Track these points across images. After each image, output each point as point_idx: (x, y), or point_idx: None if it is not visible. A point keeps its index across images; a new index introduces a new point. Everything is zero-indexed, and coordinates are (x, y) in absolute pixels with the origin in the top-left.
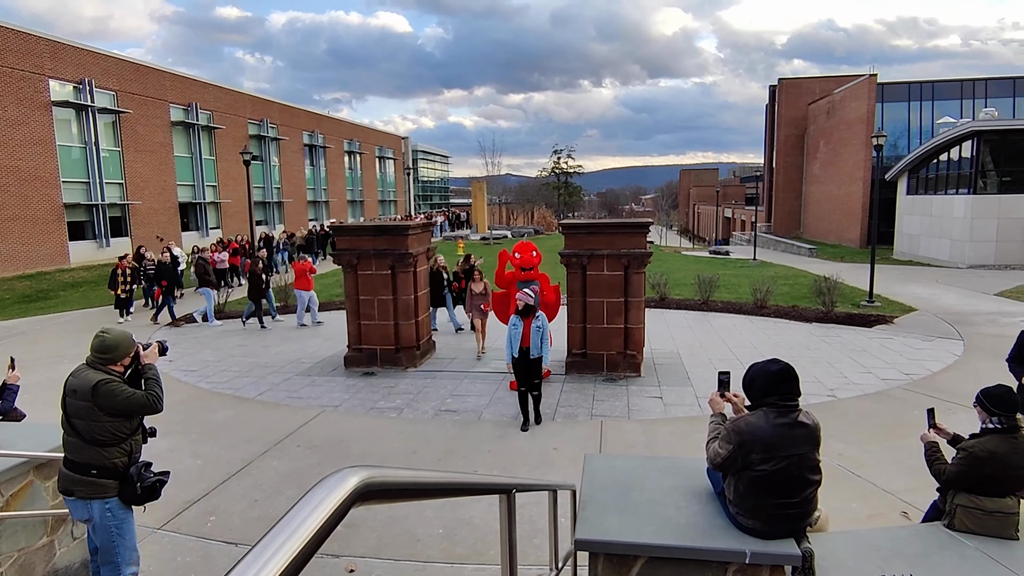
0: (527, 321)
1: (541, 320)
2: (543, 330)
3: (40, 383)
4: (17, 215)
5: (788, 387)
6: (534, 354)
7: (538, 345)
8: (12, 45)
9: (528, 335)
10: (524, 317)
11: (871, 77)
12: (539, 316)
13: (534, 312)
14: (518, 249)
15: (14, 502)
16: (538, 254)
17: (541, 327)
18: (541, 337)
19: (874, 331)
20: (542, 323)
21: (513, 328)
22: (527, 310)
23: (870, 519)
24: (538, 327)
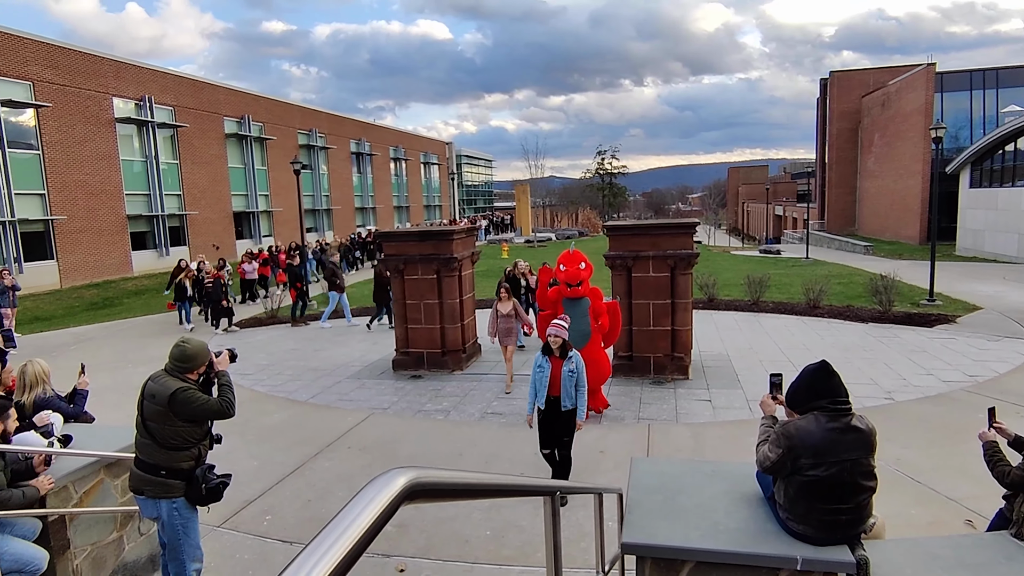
0: (557, 363)
1: (575, 361)
2: (578, 374)
3: (107, 386)
4: (85, 227)
5: (832, 384)
6: (566, 405)
7: (571, 393)
8: (80, 66)
9: (559, 381)
10: (553, 357)
11: (929, 66)
12: (573, 356)
13: (568, 351)
14: (563, 261)
15: (87, 499)
16: (588, 266)
17: (575, 371)
18: (576, 383)
19: (935, 331)
20: (576, 365)
21: (538, 371)
22: (560, 350)
23: (931, 527)
24: (571, 371)
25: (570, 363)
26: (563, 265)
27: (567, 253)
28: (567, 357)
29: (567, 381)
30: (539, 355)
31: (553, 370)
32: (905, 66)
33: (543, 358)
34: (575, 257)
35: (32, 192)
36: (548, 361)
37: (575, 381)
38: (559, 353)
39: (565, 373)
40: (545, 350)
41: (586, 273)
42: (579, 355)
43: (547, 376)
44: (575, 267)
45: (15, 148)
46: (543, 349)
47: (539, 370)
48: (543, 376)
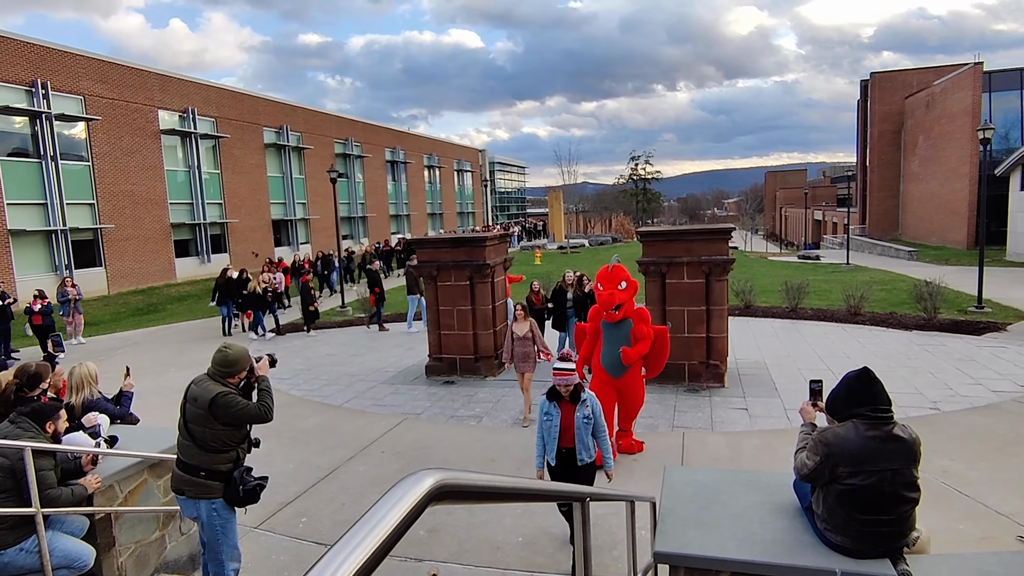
0: (568, 408)
1: (591, 404)
2: (595, 419)
3: (151, 389)
4: (132, 235)
5: (873, 392)
6: (583, 458)
7: (588, 443)
8: (128, 80)
9: (571, 430)
10: (563, 402)
11: (976, 65)
12: (587, 399)
13: (579, 393)
14: (601, 279)
15: (131, 498)
16: (630, 284)
17: (591, 416)
18: (594, 430)
19: (984, 339)
20: (593, 409)
21: (546, 420)
22: (571, 395)
23: (980, 542)
24: (586, 417)
25: (584, 408)
26: (600, 285)
27: (605, 270)
28: (580, 401)
29: (582, 430)
30: (544, 401)
31: (564, 418)
32: (950, 66)
33: (550, 404)
34: (615, 275)
35: (82, 202)
36: (556, 408)
37: (592, 428)
38: (570, 398)
39: (579, 421)
40: (552, 395)
41: (626, 294)
42: (594, 396)
43: (556, 425)
44: (613, 287)
45: (67, 160)
46: (549, 393)
47: (546, 419)
48: (552, 425)
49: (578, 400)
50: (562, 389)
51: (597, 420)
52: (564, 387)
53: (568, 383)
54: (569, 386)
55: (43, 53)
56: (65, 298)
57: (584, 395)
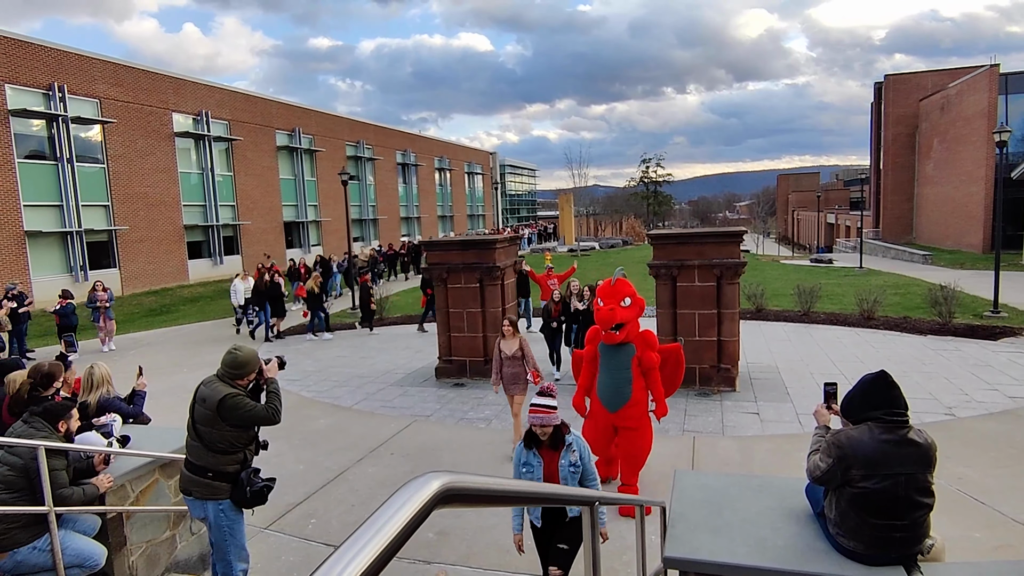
0: (550, 456)
1: (578, 448)
2: (583, 466)
3: (163, 390)
4: (145, 237)
5: (890, 395)
6: (574, 511)
7: None
8: (143, 84)
9: (556, 481)
10: (544, 448)
11: (992, 67)
12: (572, 442)
13: (562, 436)
14: (602, 294)
15: (142, 498)
16: (636, 301)
17: (579, 463)
18: (583, 478)
19: (1000, 344)
20: (581, 454)
21: (525, 472)
22: (552, 440)
23: (996, 551)
24: (573, 465)
25: (570, 453)
26: (601, 300)
27: (607, 284)
28: (565, 445)
29: (569, 481)
30: (520, 448)
31: (547, 467)
32: (965, 68)
33: (528, 453)
34: (618, 290)
35: (97, 204)
36: (536, 456)
37: (580, 477)
38: (550, 443)
39: (564, 470)
40: (530, 440)
41: (629, 312)
42: (580, 439)
43: (539, 478)
44: (615, 303)
45: (83, 162)
46: (526, 439)
47: (525, 471)
48: (532, 479)
49: (561, 444)
50: (539, 431)
51: (586, 467)
52: (542, 429)
53: (547, 423)
54: (548, 427)
55: (60, 57)
56: (94, 303)
57: (569, 437)
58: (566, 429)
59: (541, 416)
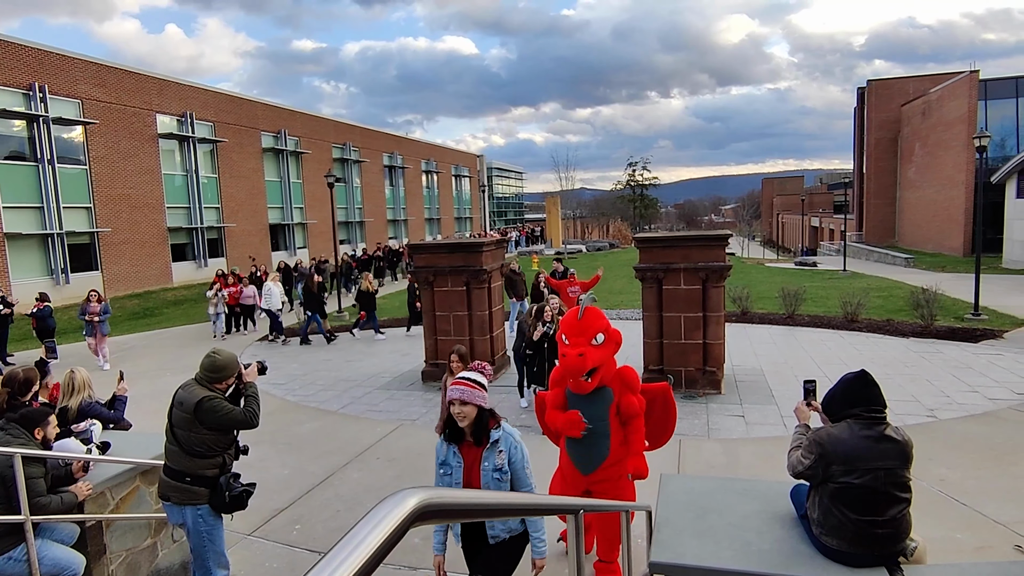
0: (472, 453)
1: (506, 448)
2: (514, 470)
3: (146, 394)
4: (128, 239)
5: (869, 394)
6: (497, 534)
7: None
8: (126, 84)
9: (476, 484)
10: (465, 443)
11: (972, 73)
12: (501, 437)
13: (487, 429)
14: (567, 330)
15: (123, 505)
16: (610, 336)
17: (507, 466)
18: (515, 487)
19: (980, 347)
20: (510, 457)
21: (443, 474)
22: (474, 430)
23: (977, 552)
24: (498, 469)
25: (495, 454)
26: (566, 337)
27: (572, 318)
28: (489, 440)
29: (492, 489)
30: (440, 444)
31: (466, 470)
32: (946, 74)
33: (447, 448)
34: (588, 324)
35: (79, 206)
36: (457, 454)
37: (513, 478)
38: (472, 435)
39: (487, 474)
40: (452, 433)
41: (603, 352)
42: (514, 436)
43: (457, 481)
44: (584, 342)
45: (64, 163)
46: (447, 432)
47: (443, 472)
48: (450, 483)
49: (485, 439)
50: (458, 414)
51: (517, 474)
52: (461, 409)
53: (468, 400)
54: (469, 408)
55: (41, 56)
56: (84, 316)
57: (496, 433)
58: (494, 422)
59: (462, 390)
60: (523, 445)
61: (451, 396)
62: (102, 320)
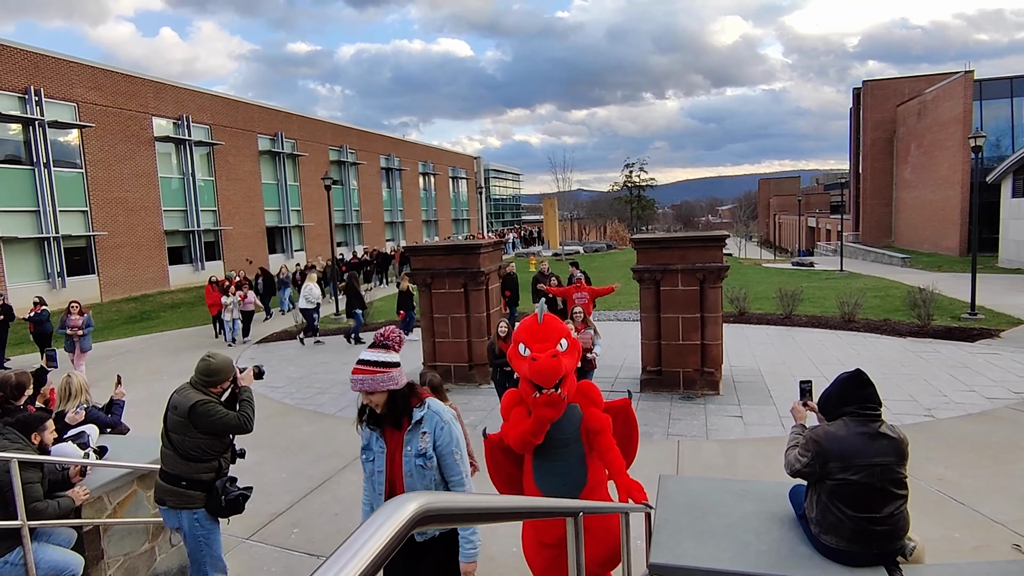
0: (394, 437)
1: (431, 429)
2: (441, 454)
3: (143, 398)
4: (125, 242)
5: (864, 393)
6: (423, 532)
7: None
8: (122, 88)
9: (399, 477)
10: (388, 427)
11: (966, 74)
12: (425, 418)
13: (408, 408)
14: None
15: (120, 510)
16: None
17: (431, 455)
18: (446, 477)
19: (977, 346)
20: (436, 441)
21: (364, 458)
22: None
23: (976, 551)
24: (420, 457)
25: (418, 438)
26: (525, 347)
27: (532, 323)
28: (411, 421)
29: (415, 478)
30: (364, 429)
31: (388, 456)
32: (942, 74)
33: (370, 434)
34: (552, 328)
35: (75, 209)
36: (380, 439)
37: (435, 476)
38: (389, 415)
39: (409, 461)
40: (371, 417)
41: (572, 360)
42: (442, 414)
43: (380, 468)
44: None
45: (60, 167)
46: (366, 416)
47: (364, 456)
48: (371, 470)
49: (404, 420)
50: (371, 404)
51: (445, 460)
52: (370, 401)
53: (372, 389)
54: (377, 395)
55: (36, 60)
56: (65, 329)
57: (420, 411)
58: (416, 399)
59: (363, 379)
60: (454, 426)
61: (353, 388)
62: (84, 335)
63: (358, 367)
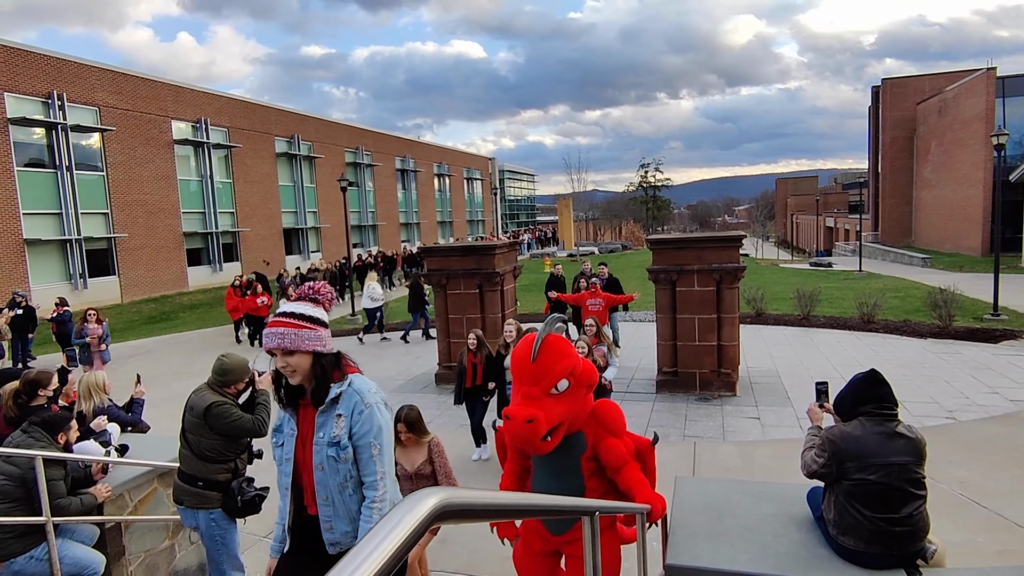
0: (308, 419)
1: (348, 412)
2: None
3: (162, 398)
4: (145, 244)
5: (879, 392)
6: (333, 538)
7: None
8: (142, 92)
9: (309, 464)
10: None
11: (989, 71)
12: (349, 395)
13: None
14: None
15: (141, 507)
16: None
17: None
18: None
19: (1000, 347)
20: (352, 428)
21: (274, 442)
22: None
23: (999, 556)
24: (333, 446)
25: (333, 421)
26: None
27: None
28: (328, 402)
29: (326, 470)
30: (279, 412)
31: (300, 438)
32: (962, 71)
33: (284, 415)
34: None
35: (96, 211)
36: (292, 420)
37: (350, 471)
38: (312, 394)
39: (320, 451)
40: (286, 391)
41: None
42: (367, 396)
43: (288, 456)
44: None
45: (82, 170)
46: (282, 389)
47: (274, 440)
48: (280, 457)
49: (322, 397)
50: (282, 364)
51: (361, 451)
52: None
53: (288, 346)
54: (291, 355)
55: (59, 65)
56: (83, 339)
57: (339, 387)
58: (339, 375)
59: (282, 333)
60: (379, 412)
61: (267, 345)
62: (105, 348)
63: (277, 319)
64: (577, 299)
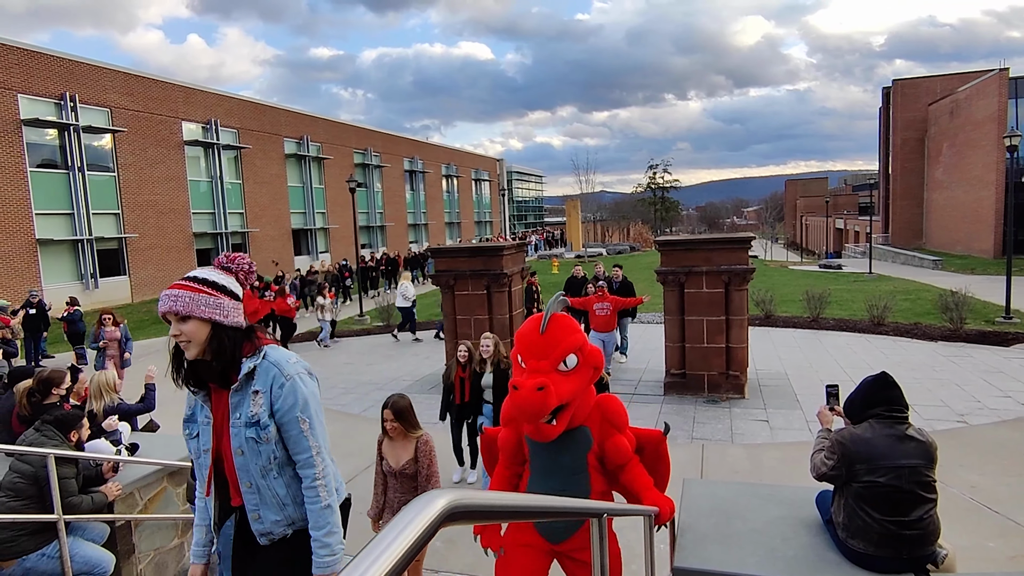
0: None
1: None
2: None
3: (173, 397)
4: (155, 244)
5: (889, 395)
6: (264, 528)
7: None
8: (152, 93)
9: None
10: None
11: (1001, 72)
12: (266, 368)
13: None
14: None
15: (151, 506)
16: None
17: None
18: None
19: (1012, 350)
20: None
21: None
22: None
23: (1011, 561)
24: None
25: (251, 400)
26: (523, 359)
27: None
28: (243, 377)
29: (247, 455)
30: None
31: (216, 425)
32: (974, 72)
33: (194, 402)
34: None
35: (108, 212)
36: (204, 406)
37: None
38: (211, 366)
39: (238, 434)
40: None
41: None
42: (282, 365)
43: (206, 447)
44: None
45: (93, 171)
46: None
47: (187, 432)
48: (197, 449)
49: (235, 376)
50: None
51: (286, 427)
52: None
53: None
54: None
55: (71, 67)
56: (98, 343)
57: (253, 360)
58: (250, 347)
59: (177, 295)
60: (304, 383)
61: (160, 308)
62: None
63: (177, 282)
64: (584, 303)
